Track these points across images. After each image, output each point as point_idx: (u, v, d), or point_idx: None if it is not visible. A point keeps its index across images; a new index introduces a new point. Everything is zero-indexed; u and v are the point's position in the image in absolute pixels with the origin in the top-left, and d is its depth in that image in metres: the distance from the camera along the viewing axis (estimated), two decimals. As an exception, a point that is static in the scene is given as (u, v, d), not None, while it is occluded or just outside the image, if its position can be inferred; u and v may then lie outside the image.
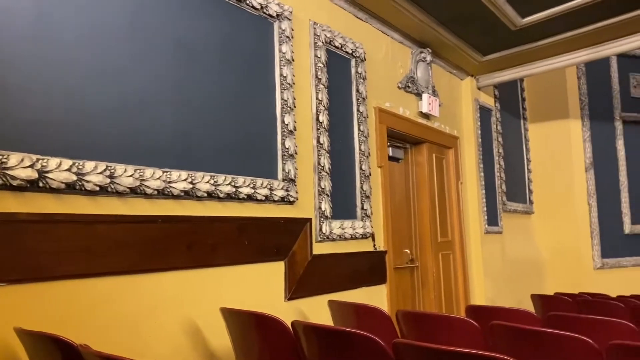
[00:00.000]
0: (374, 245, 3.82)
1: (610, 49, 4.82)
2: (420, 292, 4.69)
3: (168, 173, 2.37)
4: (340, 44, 3.68)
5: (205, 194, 2.53)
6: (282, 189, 2.98)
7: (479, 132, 5.55)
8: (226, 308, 2.25)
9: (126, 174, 2.19)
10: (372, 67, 4.09)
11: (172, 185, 2.37)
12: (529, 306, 4.38)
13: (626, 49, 4.93)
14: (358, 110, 3.79)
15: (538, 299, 4.32)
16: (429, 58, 4.74)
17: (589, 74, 7.07)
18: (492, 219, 5.57)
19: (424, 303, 4.64)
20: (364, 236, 3.70)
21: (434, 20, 4.35)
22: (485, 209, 5.44)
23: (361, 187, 3.72)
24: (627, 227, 7.04)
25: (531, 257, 6.59)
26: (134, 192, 2.22)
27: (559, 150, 6.98)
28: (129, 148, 2.25)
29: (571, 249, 6.77)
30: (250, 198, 2.79)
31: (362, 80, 3.86)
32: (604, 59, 7.03)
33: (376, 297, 3.75)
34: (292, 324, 1.97)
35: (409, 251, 4.65)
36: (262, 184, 2.85)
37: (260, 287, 2.85)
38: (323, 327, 1.86)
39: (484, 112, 5.70)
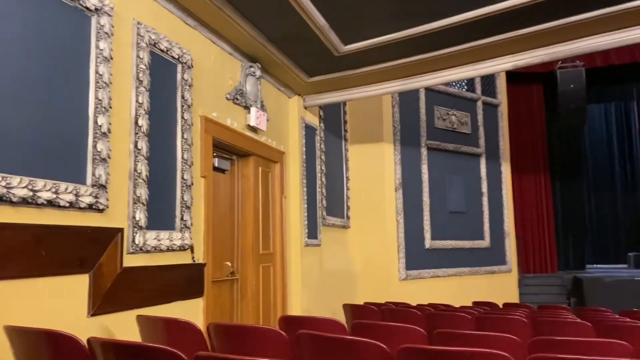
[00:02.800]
0: (193, 258, 3.72)
1: (418, 82, 5.40)
2: (240, 305, 4.69)
3: (-56, 171, 2.03)
4: (166, 47, 3.55)
5: (-6, 198, 2.22)
6: (90, 195, 2.75)
7: (304, 149, 5.79)
8: (11, 326, 1.99)
9: None
10: (200, 75, 4.02)
11: (-52, 185, 2.03)
12: (342, 315, 4.65)
13: (431, 83, 5.59)
14: (183, 117, 3.69)
15: (349, 308, 4.60)
16: (258, 73, 4.82)
17: (402, 104, 7.86)
18: (312, 232, 5.82)
19: (242, 315, 4.64)
20: (182, 248, 3.58)
21: (263, 36, 4.45)
22: (306, 222, 5.66)
23: (182, 197, 3.60)
24: (428, 242, 7.92)
25: (346, 269, 7.02)
26: None
27: (374, 170, 7.61)
28: None
29: (381, 262, 7.39)
30: (51, 204, 2.51)
31: (188, 87, 3.77)
32: (414, 92, 7.90)
33: (192, 311, 3.64)
34: (89, 341, 1.81)
35: (230, 263, 4.62)
36: (66, 189, 2.59)
37: (59, 302, 2.57)
38: (123, 344, 1.73)
39: (309, 131, 5.97)
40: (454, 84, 8.69)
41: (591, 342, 2.46)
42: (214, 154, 4.29)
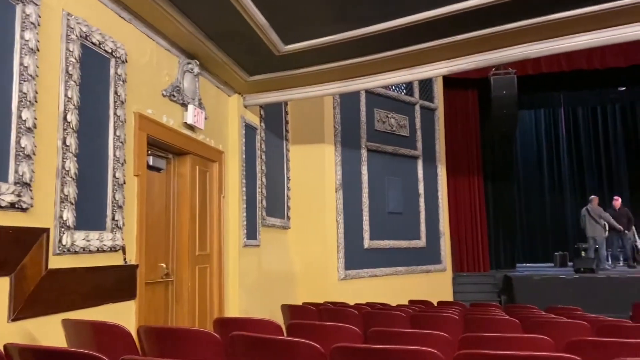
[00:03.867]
0: (125, 259, 3.59)
1: (358, 84, 5.47)
2: (175, 307, 4.57)
3: None
4: (99, 40, 3.42)
5: None
6: (12, 193, 2.60)
7: (244, 148, 5.73)
8: None
9: None
10: (135, 71, 3.89)
11: None
12: (281, 316, 4.64)
13: (371, 86, 5.68)
14: (115, 113, 3.55)
15: (287, 309, 4.59)
16: (196, 70, 4.73)
17: (343, 105, 7.95)
18: (251, 232, 5.77)
19: (177, 318, 4.53)
20: (113, 249, 3.45)
21: (202, 33, 4.36)
22: (245, 223, 5.61)
23: (113, 196, 3.47)
24: (367, 242, 8.04)
25: (285, 270, 7.01)
26: None
27: (315, 171, 7.64)
28: None
29: (320, 262, 7.43)
30: (-33, 202, 2.36)
31: (121, 83, 3.64)
32: (355, 94, 8.00)
33: (123, 314, 3.52)
34: (5, 347, 1.70)
35: (165, 265, 4.50)
36: (-15, 187, 2.44)
37: (-25, 307, 2.41)
38: (43, 349, 1.65)
39: (249, 130, 5.91)
40: (393, 87, 8.87)
41: (516, 337, 2.57)
42: (149, 152, 4.17)
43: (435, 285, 8.85)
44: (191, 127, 4.73)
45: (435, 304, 5.78)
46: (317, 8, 4.15)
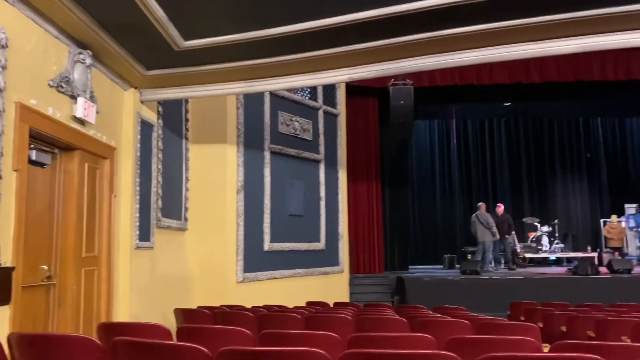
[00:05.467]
0: (-2, 261, 3.30)
1: (261, 85, 5.47)
2: (57, 313, 4.26)
3: None
4: (-26, 21, 3.11)
5: None
6: None
7: (139, 145, 5.48)
8: None
9: None
10: (18, 58, 3.59)
11: None
12: (174, 321, 4.49)
13: (274, 88, 5.71)
14: (-8, 102, 3.25)
15: (180, 312, 4.46)
16: (88, 61, 4.45)
17: (247, 106, 7.87)
18: (144, 234, 5.53)
19: (60, 324, 4.22)
20: (-16, 250, 3.15)
21: (95, 22, 4.11)
22: (138, 223, 5.35)
23: (-13, 192, 3.17)
24: (267, 245, 8.02)
25: (182, 273, 6.80)
26: None
27: (216, 172, 7.49)
28: None
29: (218, 265, 7.29)
30: None
31: (1, 69, 3.34)
32: (259, 95, 7.97)
33: (-6, 321, 3.22)
34: None
35: (46, 267, 4.18)
36: None
37: None
38: None
39: (145, 127, 5.67)
40: (298, 91, 8.95)
41: (401, 336, 2.70)
42: (31, 145, 3.86)
43: (333, 286, 9.04)
44: (81, 121, 4.45)
45: (332, 305, 5.89)
46: (221, 6, 4.08)
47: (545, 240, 12.58)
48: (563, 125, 14.90)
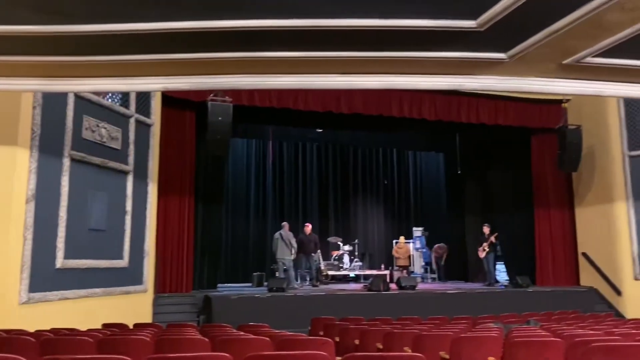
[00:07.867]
0: None
1: (62, 85, 5.00)
2: None
3: None
4: None
5: None
6: None
7: None
8: None
9: None
10: None
11: None
12: None
13: (78, 89, 5.25)
14: None
15: (-62, 341, 3.75)
16: None
17: (46, 107, 7.05)
18: None
19: None
20: None
21: None
22: None
23: None
24: (60, 262, 7.22)
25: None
26: None
27: (1, 178, 6.57)
28: None
29: (-3, 284, 6.35)
30: None
31: None
32: (62, 96, 7.23)
33: None
34: None
35: None
36: None
37: None
38: None
39: None
40: (108, 96, 8.34)
41: (201, 356, 2.62)
42: None
43: (135, 307, 8.50)
44: None
45: (132, 327, 5.53)
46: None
47: (346, 258, 13.59)
48: (366, 154, 16.42)
